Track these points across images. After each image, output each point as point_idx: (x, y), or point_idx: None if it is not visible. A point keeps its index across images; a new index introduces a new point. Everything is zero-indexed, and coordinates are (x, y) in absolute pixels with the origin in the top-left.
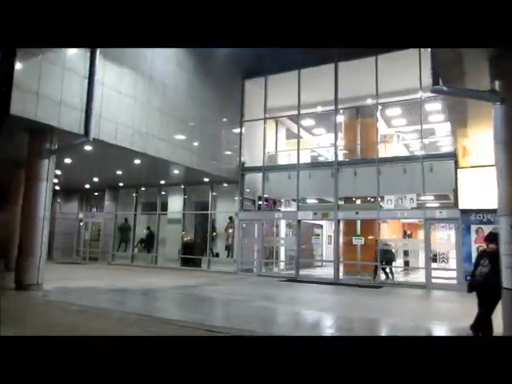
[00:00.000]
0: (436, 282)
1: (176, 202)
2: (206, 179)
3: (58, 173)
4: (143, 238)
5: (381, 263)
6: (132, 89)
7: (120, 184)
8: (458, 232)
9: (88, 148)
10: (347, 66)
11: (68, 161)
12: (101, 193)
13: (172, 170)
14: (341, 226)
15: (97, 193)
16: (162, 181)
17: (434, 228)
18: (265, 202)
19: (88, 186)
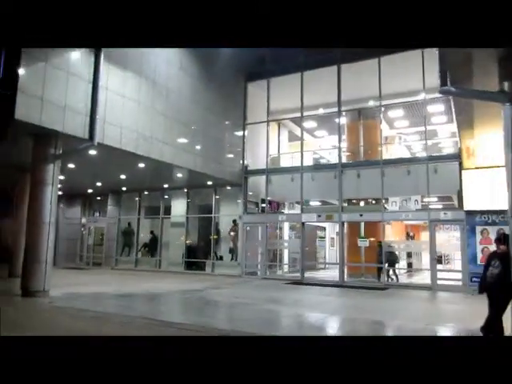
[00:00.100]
0: (441, 284)
1: (179, 206)
2: (210, 182)
3: (61, 178)
4: (147, 243)
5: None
6: (136, 93)
7: (123, 188)
8: (463, 233)
9: (92, 152)
10: (350, 68)
11: (71, 166)
12: (104, 197)
13: (175, 174)
14: (345, 229)
15: (99, 197)
16: (166, 184)
17: (438, 229)
18: (268, 205)
19: (91, 191)
